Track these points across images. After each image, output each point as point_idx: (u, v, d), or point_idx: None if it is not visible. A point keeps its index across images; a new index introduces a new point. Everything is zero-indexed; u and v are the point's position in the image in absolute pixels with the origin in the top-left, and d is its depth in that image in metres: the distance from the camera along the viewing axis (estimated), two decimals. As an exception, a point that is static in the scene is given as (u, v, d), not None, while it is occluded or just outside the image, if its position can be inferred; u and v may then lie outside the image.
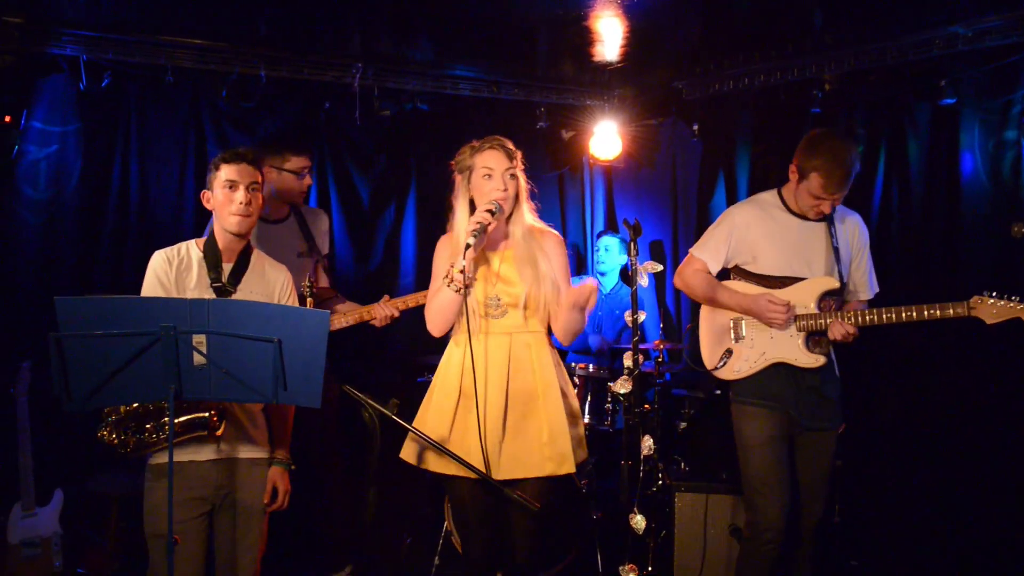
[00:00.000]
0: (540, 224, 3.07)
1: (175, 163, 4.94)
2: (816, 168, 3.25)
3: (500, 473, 2.84)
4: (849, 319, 3.27)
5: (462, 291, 2.85)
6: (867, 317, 3.26)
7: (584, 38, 4.73)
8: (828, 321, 3.31)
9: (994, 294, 3.11)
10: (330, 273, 4.30)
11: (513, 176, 2.94)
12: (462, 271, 2.80)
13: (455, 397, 2.92)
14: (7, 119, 4.44)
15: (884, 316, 3.25)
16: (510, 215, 2.98)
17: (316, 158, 5.36)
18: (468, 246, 2.75)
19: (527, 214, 3.02)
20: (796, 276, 3.41)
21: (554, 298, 2.96)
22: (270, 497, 2.94)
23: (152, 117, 4.91)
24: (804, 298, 3.38)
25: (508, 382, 2.91)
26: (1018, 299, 3.09)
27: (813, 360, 3.36)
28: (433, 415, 2.95)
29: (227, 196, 2.86)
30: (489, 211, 2.82)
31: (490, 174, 2.90)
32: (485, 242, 2.93)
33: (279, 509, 2.98)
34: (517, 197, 2.98)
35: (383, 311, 3.85)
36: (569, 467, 2.91)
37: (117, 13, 4.42)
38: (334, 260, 5.36)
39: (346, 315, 3.95)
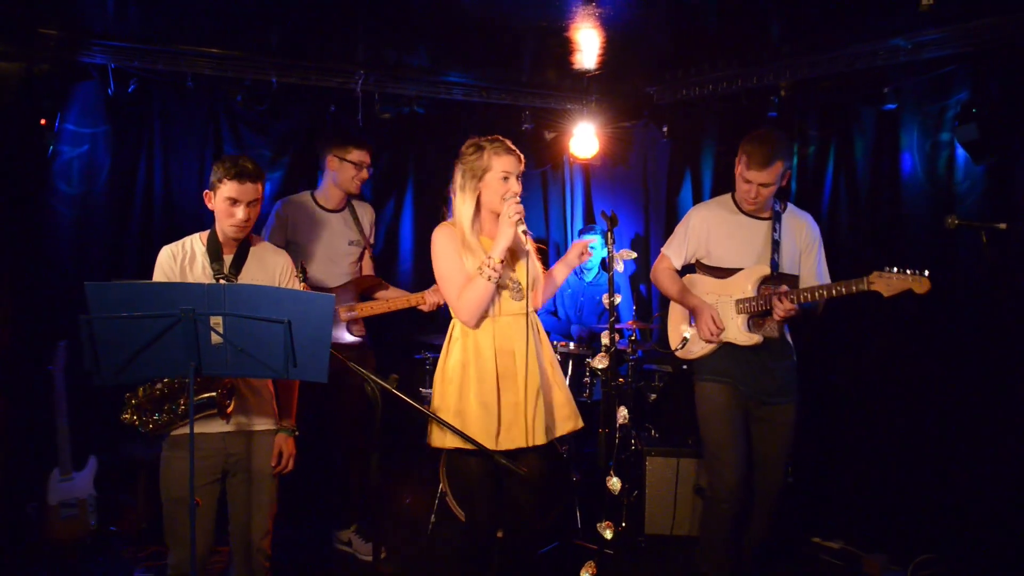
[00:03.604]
0: None
1: (195, 161, 4.91)
2: (743, 149, 3.35)
3: (548, 438, 2.90)
4: (780, 299, 3.28)
5: (499, 279, 2.86)
6: (790, 297, 3.28)
7: (565, 48, 4.71)
8: (762, 304, 3.33)
9: (894, 269, 3.09)
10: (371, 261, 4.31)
11: (520, 178, 2.96)
12: (501, 261, 2.83)
13: (495, 377, 2.88)
14: (43, 122, 4.39)
15: (802, 296, 3.28)
16: None
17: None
18: (526, 232, 2.82)
19: None
20: (739, 267, 3.45)
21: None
22: (276, 460, 2.93)
23: (174, 119, 4.87)
24: (743, 285, 3.41)
25: (539, 357, 2.94)
26: (913, 271, 3.06)
27: (749, 339, 3.40)
28: (476, 401, 2.87)
29: (228, 210, 2.80)
30: (518, 202, 2.86)
31: (507, 176, 2.92)
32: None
33: (284, 471, 2.96)
34: None
35: (433, 298, 3.85)
36: (581, 422, 3.05)
37: (142, 25, 4.38)
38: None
39: (392, 301, 3.95)
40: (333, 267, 3.99)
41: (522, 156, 2.99)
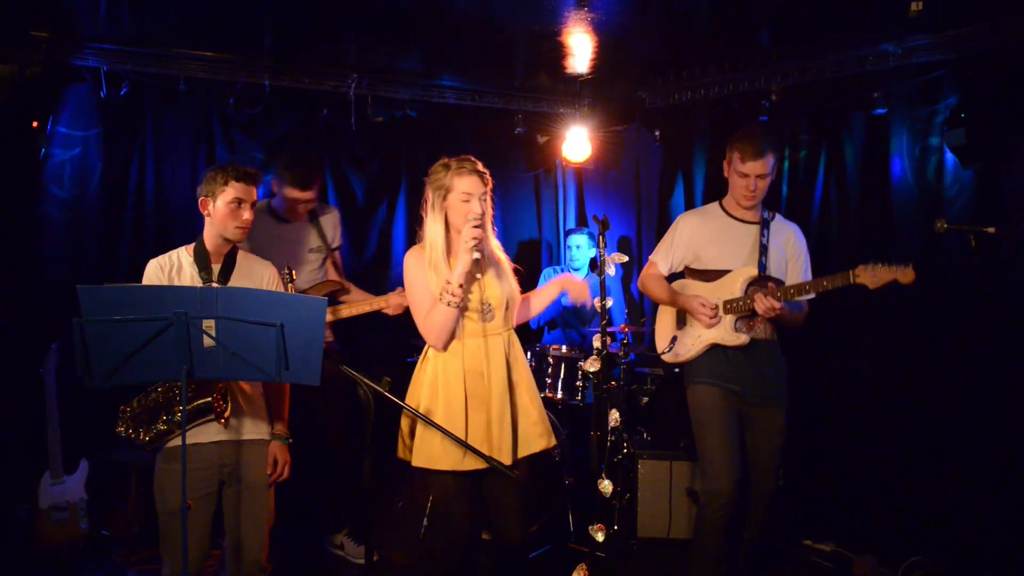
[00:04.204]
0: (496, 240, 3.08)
1: (187, 164, 4.90)
2: (734, 146, 3.39)
3: (518, 455, 2.89)
4: (765, 295, 3.30)
5: (459, 304, 2.82)
6: (777, 294, 3.30)
7: (557, 52, 4.72)
8: (748, 303, 3.35)
9: (878, 263, 3.12)
10: (341, 263, 4.29)
11: (485, 198, 2.91)
12: (461, 286, 2.80)
13: (463, 399, 2.86)
14: (35, 124, 4.38)
15: (789, 292, 3.31)
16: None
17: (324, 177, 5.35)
18: (476, 260, 2.78)
19: (491, 230, 3.01)
20: (727, 269, 3.47)
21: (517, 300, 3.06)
22: (271, 468, 2.91)
23: (167, 122, 4.86)
24: (732, 287, 3.43)
25: (510, 377, 2.92)
26: (896, 264, 3.09)
27: (736, 339, 3.40)
28: (443, 419, 2.85)
29: (233, 212, 2.81)
30: (477, 227, 2.79)
31: (468, 198, 2.86)
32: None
33: (280, 479, 2.95)
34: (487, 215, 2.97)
35: (397, 300, 3.83)
36: (554, 440, 3.02)
37: (135, 28, 4.37)
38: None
39: (357, 304, 3.92)
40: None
41: (487, 178, 2.92)
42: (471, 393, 2.87)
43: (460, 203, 2.87)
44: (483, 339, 2.90)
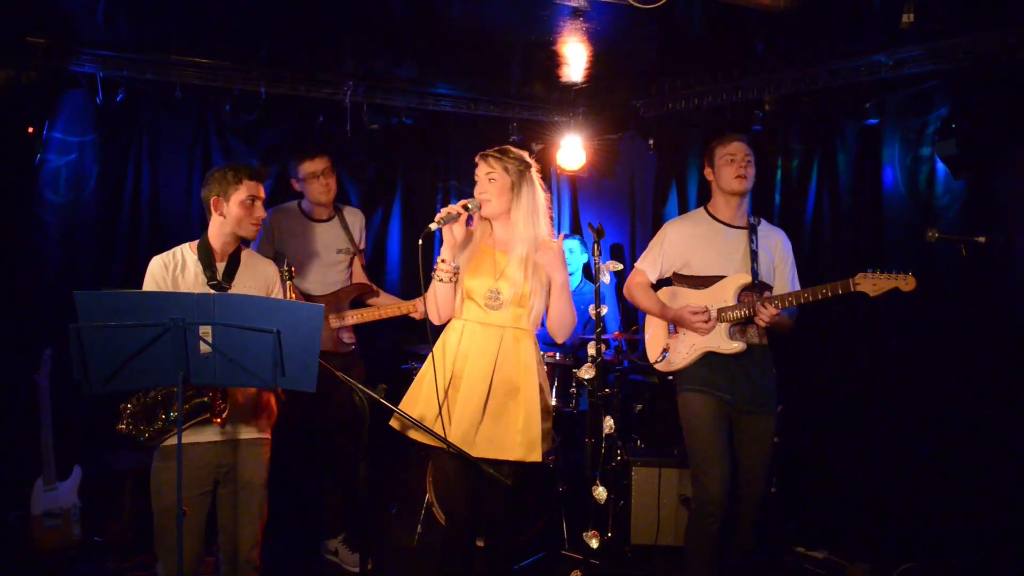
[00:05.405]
0: (545, 234, 3.03)
1: (183, 170, 4.90)
2: (712, 145, 3.53)
3: (475, 451, 2.85)
4: (764, 304, 3.31)
5: (448, 280, 2.91)
6: (774, 302, 3.31)
7: (552, 61, 4.74)
8: (744, 312, 3.35)
9: (878, 271, 3.15)
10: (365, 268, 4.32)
11: (492, 180, 2.95)
12: (443, 260, 2.90)
13: (447, 378, 2.92)
14: (30, 130, 4.38)
15: (787, 301, 3.31)
16: (511, 219, 2.99)
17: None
18: (429, 231, 2.81)
19: (538, 220, 3.00)
20: (719, 275, 3.47)
21: (543, 305, 3.02)
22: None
23: (162, 129, 4.86)
24: (724, 293, 3.44)
25: (494, 370, 2.91)
26: (896, 272, 3.13)
27: (733, 346, 3.40)
28: (427, 392, 2.94)
29: (248, 209, 2.87)
30: (464, 205, 2.90)
31: (477, 180, 3.00)
32: (463, 234, 3.00)
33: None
34: (514, 202, 2.97)
35: (424, 305, 3.84)
36: (536, 456, 2.91)
37: (131, 34, 4.37)
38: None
39: (384, 308, 3.96)
40: (322, 276, 4.00)
41: (494, 160, 2.97)
42: (456, 373, 2.93)
43: (475, 186, 3.02)
44: (477, 325, 2.95)
